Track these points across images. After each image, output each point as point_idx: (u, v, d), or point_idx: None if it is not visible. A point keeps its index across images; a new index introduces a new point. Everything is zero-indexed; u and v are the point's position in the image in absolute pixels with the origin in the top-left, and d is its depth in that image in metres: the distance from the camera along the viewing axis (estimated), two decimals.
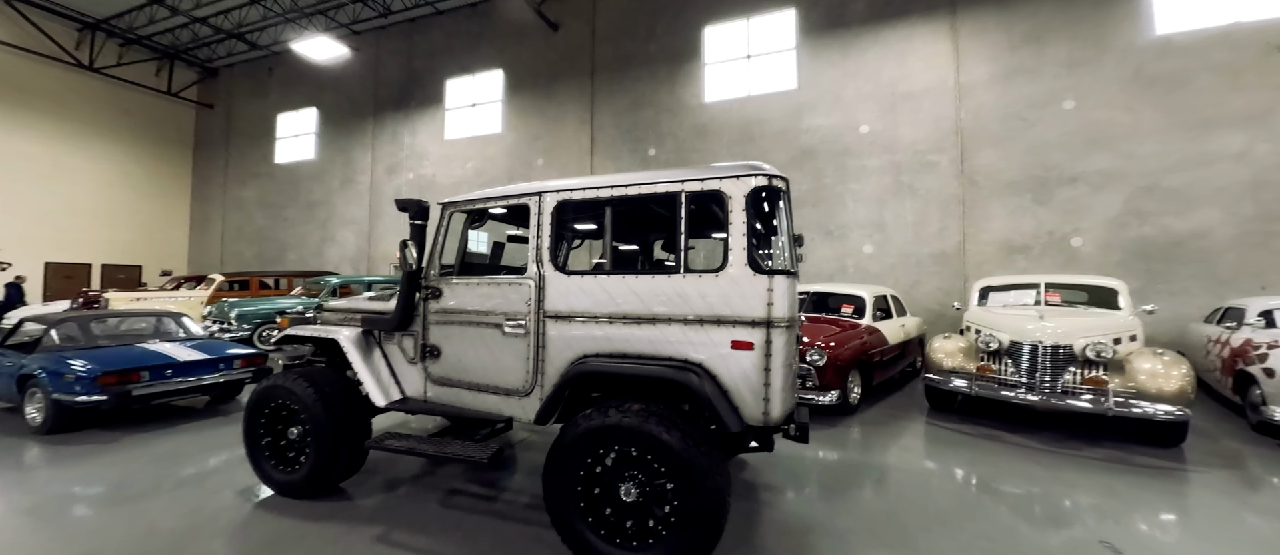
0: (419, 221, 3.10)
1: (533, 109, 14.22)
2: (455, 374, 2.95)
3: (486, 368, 2.82)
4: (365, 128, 17.02)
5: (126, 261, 19.22)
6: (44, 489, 3.46)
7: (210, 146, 20.63)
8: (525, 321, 2.67)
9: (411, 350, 3.18)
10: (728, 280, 2.24)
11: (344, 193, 17.38)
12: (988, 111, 9.68)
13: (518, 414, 2.73)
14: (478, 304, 2.85)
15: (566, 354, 2.56)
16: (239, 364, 5.42)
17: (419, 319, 3.13)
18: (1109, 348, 4.47)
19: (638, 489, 2.30)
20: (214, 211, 20.37)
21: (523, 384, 2.69)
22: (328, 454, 3.10)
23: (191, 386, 4.98)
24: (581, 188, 2.59)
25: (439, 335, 3.02)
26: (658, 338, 2.36)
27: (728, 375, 2.22)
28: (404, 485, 3.51)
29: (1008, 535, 2.84)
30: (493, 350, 2.79)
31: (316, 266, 17.79)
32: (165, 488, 3.48)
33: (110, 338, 5.48)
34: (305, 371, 3.28)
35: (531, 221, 2.73)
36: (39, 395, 4.66)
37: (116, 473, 3.75)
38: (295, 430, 3.27)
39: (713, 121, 11.98)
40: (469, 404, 2.91)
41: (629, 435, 2.24)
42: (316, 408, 3.09)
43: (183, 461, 3.99)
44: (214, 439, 4.54)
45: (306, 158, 18.18)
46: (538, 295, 2.64)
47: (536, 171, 13.99)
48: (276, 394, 3.26)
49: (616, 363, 2.38)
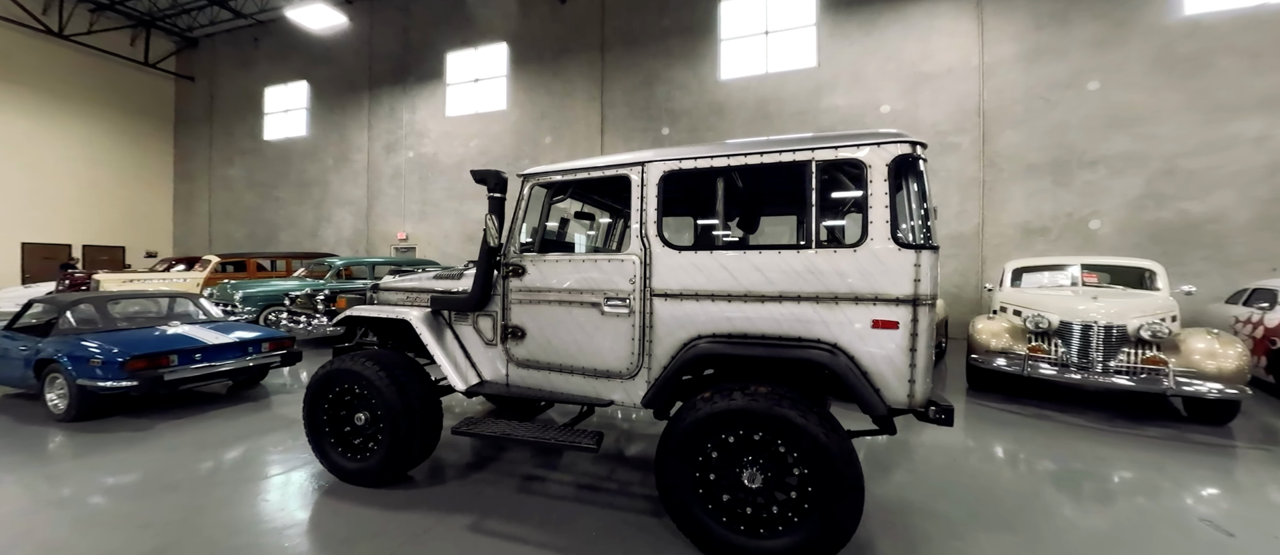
0: (498, 194, 2.90)
1: (539, 85, 13.77)
2: (543, 356, 2.80)
3: (582, 349, 2.67)
4: (361, 103, 16.35)
5: (108, 242, 18.41)
6: (92, 480, 3.25)
7: (192, 122, 19.68)
8: (629, 300, 2.52)
9: (489, 331, 3.01)
10: (869, 256, 2.12)
11: (339, 171, 16.77)
12: (1011, 92, 9.62)
13: (619, 397, 2.60)
14: (570, 282, 2.69)
15: (677, 335, 2.43)
16: (267, 347, 5.19)
17: (497, 299, 2.96)
18: (1165, 328, 4.49)
19: (762, 475, 2.20)
20: (199, 190, 19.55)
21: (626, 366, 2.56)
22: (404, 441, 2.94)
23: (221, 372, 4.75)
24: (692, 157, 2.42)
25: (522, 315, 2.85)
26: (785, 317, 2.23)
27: (868, 357, 2.12)
28: (469, 470, 3.38)
29: (1114, 515, 2.83)
30: (588, 331, 2.64)
31: (311, 248, 17.25)
32: (219, 478, 3.30)
33: (127, 320, 5.18)
34: (372, 354, 3.10)
35: (634, 193, 2.55)
36: (60, 381, 4.38)
37: (162, 462, 3.55)
38: (362, 415, 3.10)
39: (728, 99, 11.73)
40: (560, 388, 2.77)
41: (759, 420, 2.13)
42: (390, 392, 2.93)
43: (227, 449, 3.80)
44: (251, 425, 4.34)
45: (298, 134, 17.46)
46: (643, 272, 2.49)
47: (544, 150, 13.63)
48: (342, 378, 3.08)
49: (741, 346, 2.25)
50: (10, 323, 5.08)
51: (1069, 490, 3.15)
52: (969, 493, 3.09)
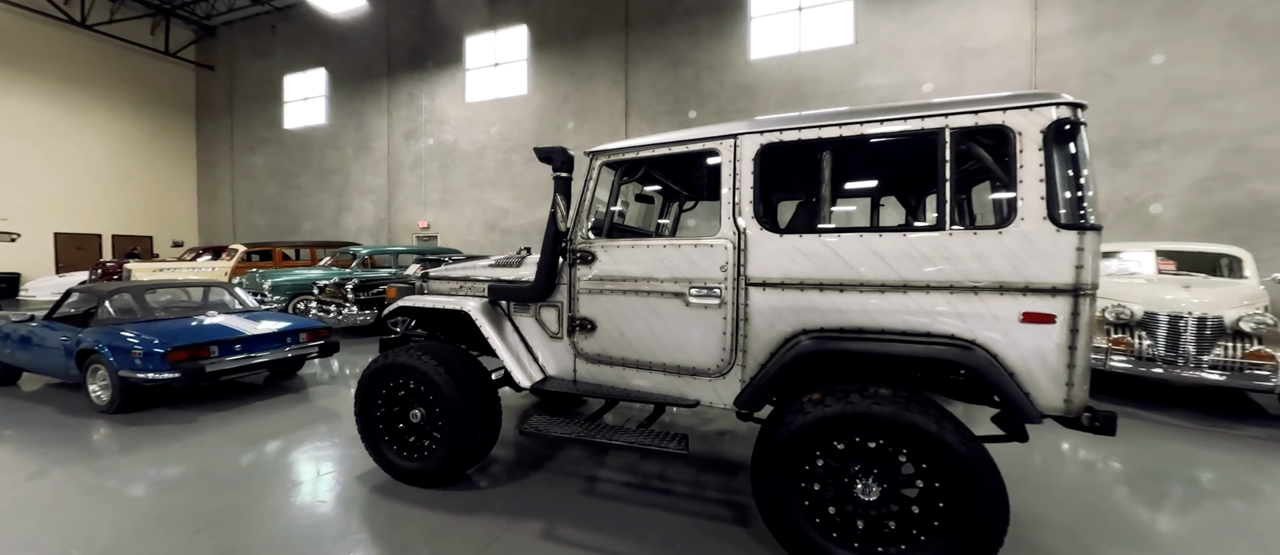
0: (565, 173, 2.65)
1: (561, 68, 13.43)
2: (617, 351, 2.57)
3: (662, 344, 2.43)
4: (379, 90, 16.18)
5: (136, 232, 18.67)
6: (140, 474, 3.13)
7: (213, 111, 19.74)
8: (720, 290, 2.26)
9: (554, 324, 2.79)
10: (1018, 238, 1.83)
11: (359, 160, 16.69)
12: (1066, 68, 9.04)
13: (707, 397, 2.36)
14: (649, 270, 2.44)
15: (778, 328, 2.17)
16: (304, 338, 5.06)
17: (563, 288, 2.73)
18: (1268, 319, 4.11)
19: (878, 486, 1.95)
20: (222, 180, 19.67)
21: (716, 363, 2.31)
22: (465, 439, 2.75)
23: (261, 362, 4.62)
24: (796, 127, 2.14)
25: (592, 306, 2.62)
26: (911, 309, 1.96)
27: (1016, 355, 1.84)
28: (524, 469, 3.19)
29: (1259, 529, 2.53)
30: (671, 324, 2.40)
31: (333, 237, 17.28)
32: (269, 475, 3.16)
33: (164, 310, 5.08)
34: (428, 347, 2.90)
35: (724, 170, 2.28)
36: (102, 372, 4.30)
37: (209, 458, 3.42)
38: (418, 412, 2.92)
39: (759, 80, 11.28)
40: (636, 385, 2.54)
41: (883, 426, 1.88)
42: (450, 388, 2.73)
43: (272, 443, 3.66)
44: (292, 418, 4.22)
45: (317, 122, 17.39)
46: (737, 259, 2.23)
47: (567, 136, 13.34)
48: (396, 373, 2.89)
49: (856, 342, 1.99)
50: (50, 312, 5.02)
51: (1198, 500, 2.85)
52: (1081, 501, 2.81)
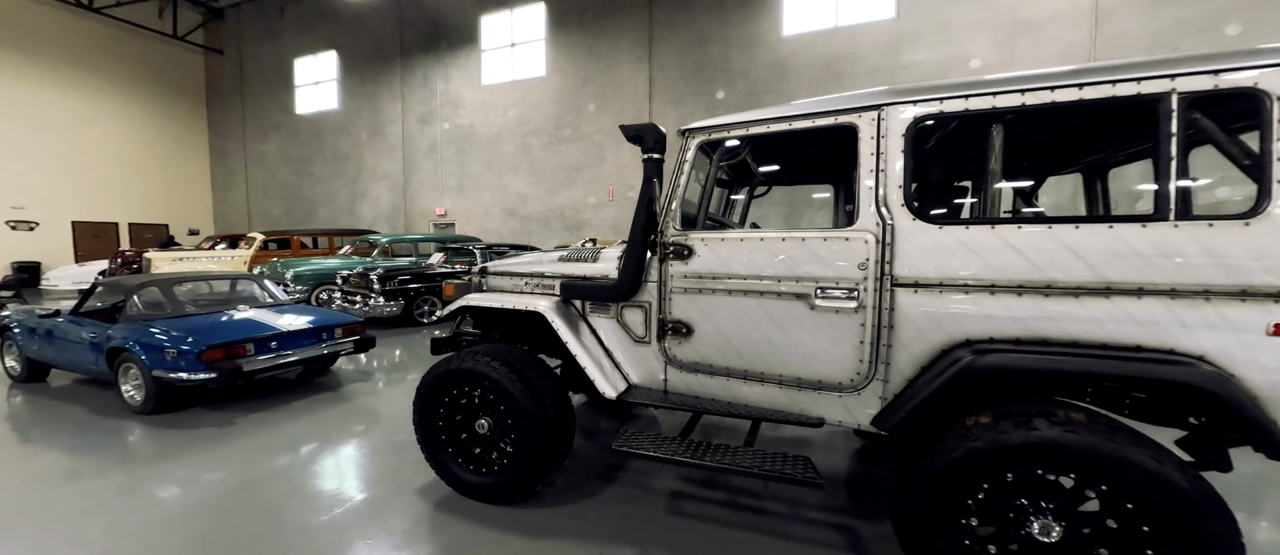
0: (657, 154, 2.30)
1: (581, 47, 12.92)
2: (719, 359, 2.25)
3: (778, 352, 2.11)
4: (392, 73, 15.76)
5: (152, 220, 18.58)
6: (188, 483, 2.90)
7: (224, 96, 19.43)
8: (858, 292, 1.93)
9: (640, 326, 2.47)
10: (1270, 230, 1.47)
11: (373, 145, 16.37)
12: (1130, 40, 8.44)
13: (835, 415, 2.05)
14: (762, 267, 2.11)
15: (931, 338, 1.84)
16: (340, 333, 4.81)
17: (651, 286, 2.41)
18: None
19: (1059, 526, 1.64)
20: (236, 167, 19.46)
21: (849, 376, 1.99)
22: (541, 451, 2.47)
23: (298, 360, 4.38)
24: (959, 93, 1.77)
25: (689, 307, 2.30)
26: (1115, 317, 1.62)
27: (1261, 375, 1.50)
28: (597, 483, 2.92)
29: None
30: (790, 330, 2.07)
31: (349, 224, 17.08)
32: (318, 485, 2.91)
33: (193, 305, 4.85)
34: (495, 351, 2.61)
35: (863, 149, 1.93)
36: (134, 372, 4.07)
37: (254, 466, 3.19)
38: (485, 422, 2.64)
39: (792, 58, 10.74)
40: (744, 399, 2.23)
41: (1080, 459, 1.55)
42: (525, 396, 2.44)
43: (317, 448, 3.42)
44: (333, 419, 3.98)
45: (329, 107, 17.05)
46: (882, 255, 1.89)
47: (588, 118, 12.90)
48: (462, 380, 2.60)
49: (1039, 356, 1.65)
50: (77, 306, 4.80)
51: None
52: None
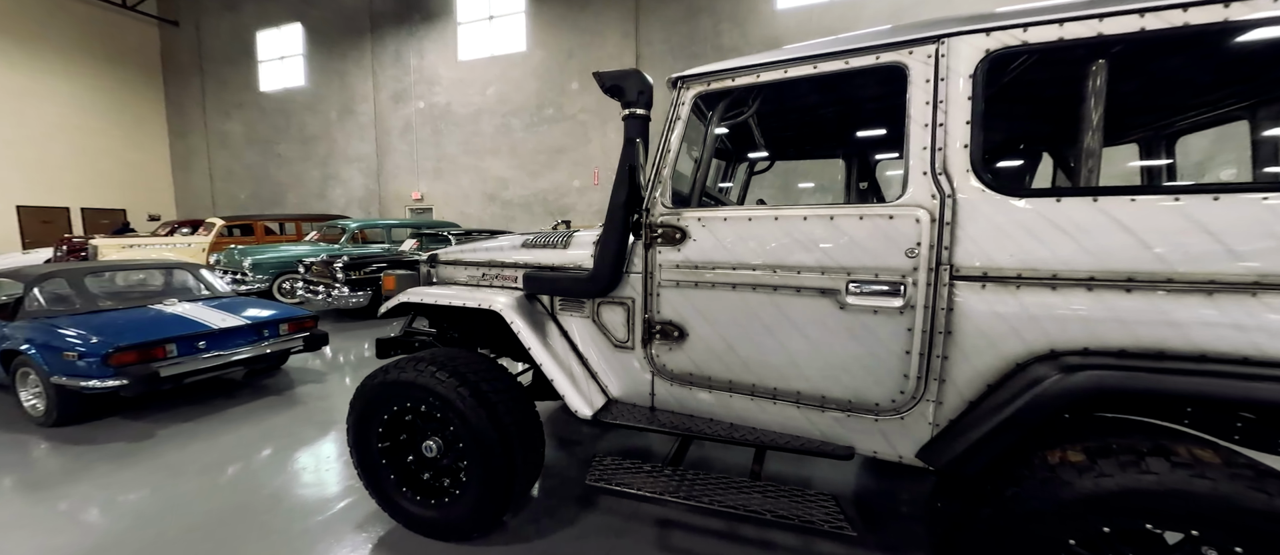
0: (641, 111, 1.81)
1: (564, 21, 12.17)
2: (720, 370, 1.79)
3: (795, 363, 1.66)
4: (363, 48, 14.80)
5: (108, 205, 17.44)
6: (105, 501, 2.37)
7: (182, 72, 18.18)
8: (905, 286, 1.47)
9: (620, 328, 2.00)
10: None
11: (344, 125, 15.45)
12: None
13: (871, 444, 1.61)
14: (776, 255, 1.64)
15: (1005, 347, 1.39)
16: (286, 329, 4.25)
17: (636, 278, 1.93)
18: None
19: None
20: (197, 148, 18.31)
21: (889, 395, 1.54)
22: (501, 480, 2.01)
23: (229, 362, 3.83)
24: (1051, 17, 1.30)
25: (682, 305, 1.83)
26: (1266, 326, 1.18)
27: None
28: (574, 507, 2.47)
29: None
30: (812, 335, 1.62)
31: (320, 209, 16.21)
32: (248, 509, 2.41)
33: (114, 299, 4.23)
34: (442, 358, 2.12)
35: (914, 96, 1.45)
36: (33, 377, 3.49)
37: (165, 492, 2.66)
38: (433, 444, 2.17)
39: (788, 33, 10.19)
40: (751, 419, 1.78)
41: (1213, 510, 1.14)
42: (478, 416, 1.97)
43: (250, 466, 2.91)
44: (275, 429, 3.46)
45: (296, 84, 16.02)
46: (939, 237, 1.43)
47: (572, 97, 12.23)
48: (402, 394, 2.11)
49: (1153, 372, 1.22)
50: None
51: None
52: None
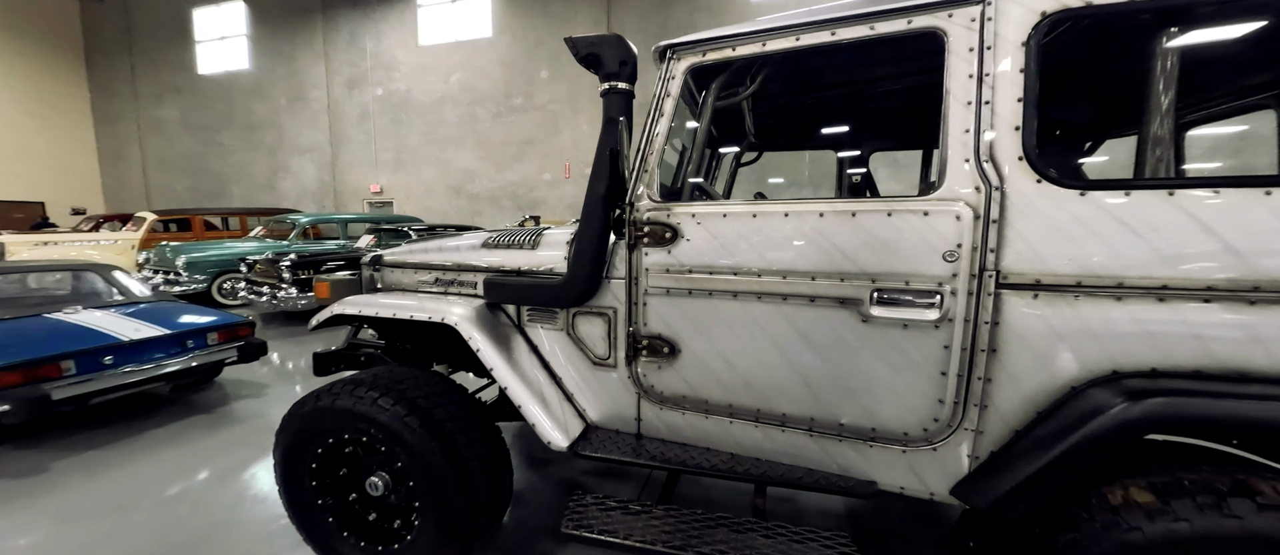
0: (624, 85, 1.52)
1: (533, 6, 11.64)
2: (719, 392, 1.54)
3: (810, 385, 1.42)
4: (313, 29, 13.81)
5: (24, 197, 15.75)
6: None
7: (108, 52, 16.56)
8: (942, 295, 1.25)
9: (601, 343, 1.71)
10: None
11: (294, 112, 14.41)
12: None
13: (897, 479, 1.38)
14: (786, 258, 1.39)
15: (1060, 368, 1.18)
16: (217, 338, 3.75)
17: (618, 283, 1.65)
18: None
19: None
20: (127, 135, 16.76)
21: (923, 423, 1.32)
22: (462, 524, 1.70)
23: (145, 378, 3.32)
24: None
25: (673, 317, 1.56)
26: None
27: None
28: (547, 546, 2.18)
29: None
30: (829, 353, 1.38)
31: (269, 203, 15.12)
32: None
33: (4, 307, 3.63)
34: (387, 379, 1.78)
35: (954, 67, 1.22)
36: None
37: (56, 543, 2.21)
38: (378, 481, 1.83)
39: None
40: (758, 449, 1.53)
41: None
42: (430, 450, 1.65)
43: (167, 505, 2.47)
44: (200, 455, 3.00)
45: (240, 67, 14.83)
46: (983, 237, 1.20)
47: (541, 86, 11.74)
48: (338, 423, 1.77)
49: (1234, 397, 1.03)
50: None
51: None
52: None
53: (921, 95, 2.04)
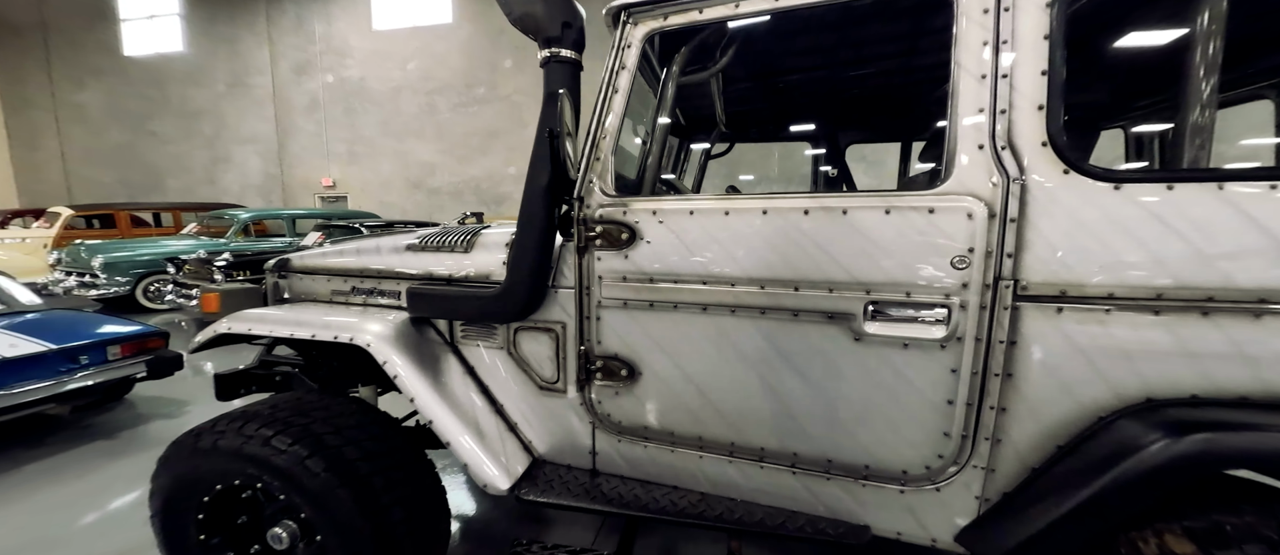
0: (571, 53, 1.25)
1: None
2: (686, 422, 1.30)
3: (794, 413, 1.20)
4: (255, 11, 12.80)
5: None
6: None
7: (16, 30, 14.90)
8: (950, 309, 1.04)
9: (548, 364, 1.45)
10: None
11: (235, 99, 13.36)
12: None
13: (893, 522, 1.18)
14: (766, 264, 1.16)
15: (1086, 393, 0.99)
16: (119, 352, 3.27)
17: (567, 293, 1.38)
18: None
19: None
20: (42, 123, 15.18)
21: (924, 459, 1.12)
22: None
23: (18, 404, 2.84)
24: None
25: (632, 334, 1.31)
26: None
27: None
28: None
29: None
30: (814, 374, 1.16)
31: (210, 197, 14.00)
32: None
33: None
34: (288, 410, 1.47)
35: (963, 38, 1.01)
36: None
37: None
38: (284, 532, 1.51)
39: None
40: (733, 488, 1.30)
41: None
42: (339, 499, 1.35)
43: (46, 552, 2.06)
44: (93, 490, 2.57)
45: (173, 50, 13.62)
46: (999, 239, 1.00)
47: (505, 76, 11.24)
48: (223, 468, 1.44)
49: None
50: None
51: None
52: None
53: (909, 77, 1.85)
